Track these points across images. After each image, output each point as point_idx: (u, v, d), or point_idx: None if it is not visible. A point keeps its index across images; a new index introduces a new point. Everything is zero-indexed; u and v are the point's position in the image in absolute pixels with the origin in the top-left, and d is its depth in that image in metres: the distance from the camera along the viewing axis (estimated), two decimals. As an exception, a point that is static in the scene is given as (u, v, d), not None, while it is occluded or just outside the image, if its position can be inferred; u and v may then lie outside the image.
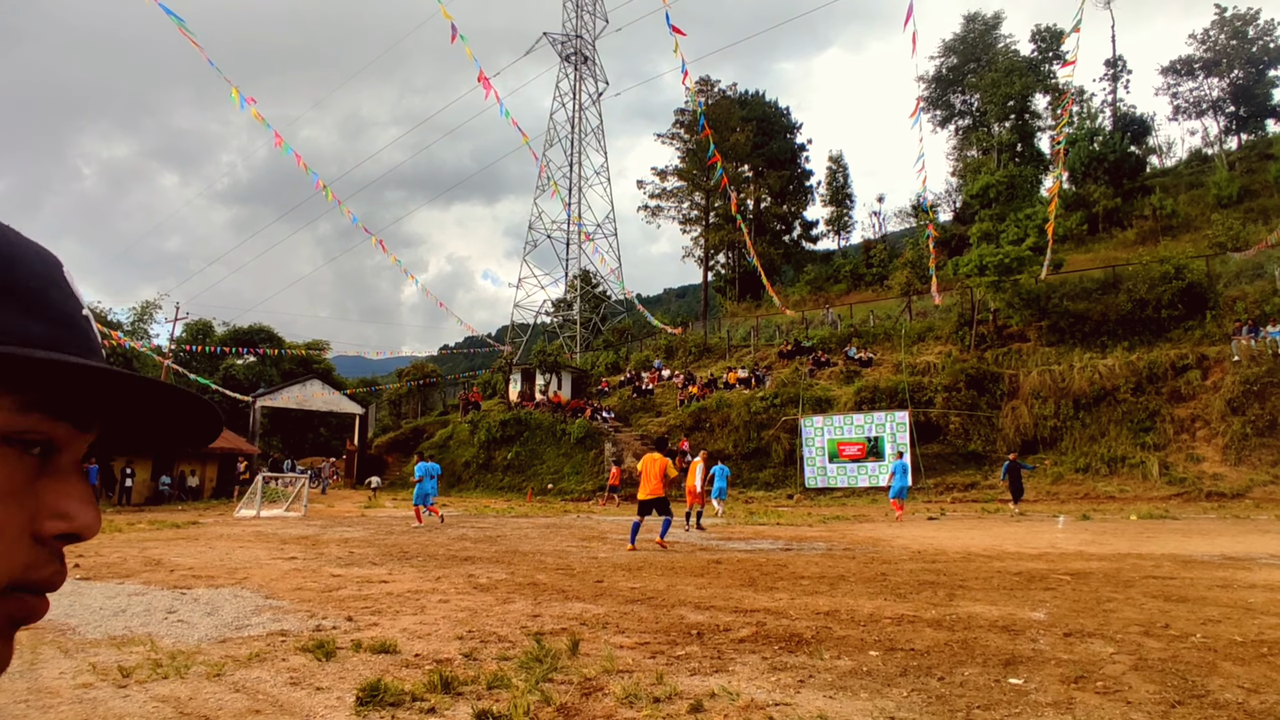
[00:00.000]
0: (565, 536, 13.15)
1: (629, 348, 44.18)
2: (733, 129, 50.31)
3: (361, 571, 8.32)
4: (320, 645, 4.59)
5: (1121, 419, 22.69)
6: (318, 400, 37.16)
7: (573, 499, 27.41)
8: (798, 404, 27.61)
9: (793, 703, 3.60)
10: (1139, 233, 34.91)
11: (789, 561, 9.35)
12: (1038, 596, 6.59)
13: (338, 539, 12.37)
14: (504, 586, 7.29)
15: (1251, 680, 3.90)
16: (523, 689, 3.74)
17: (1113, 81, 48.03)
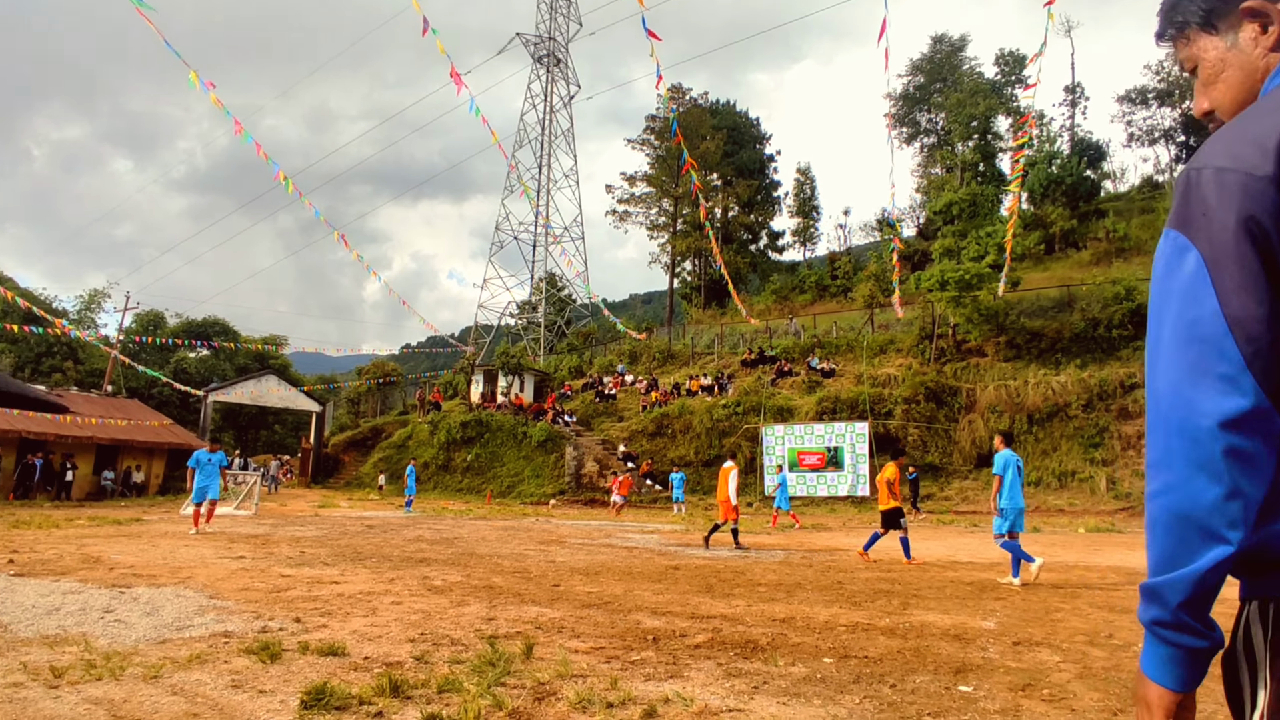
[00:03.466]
0: (523, 540, 13.03)
1: (593, 352, 44.08)
2: (703, 137, 50.62)
3: (312, 572, 8.13)
4: (265, 647, 4.46)
5: (1073, 434, 23.31)
6: (273, 396, 36.33)
7: (532, 502, 27.21)
8: (759, 412, 27.82)
9: (746, 709, 3.59)
10: (1093, 254, 35.98)
11: (747, 569, 9.38)
12: (989, 606, 6.70)
13: (289, 538, 12.07)
14: (459, 589, 7.18)
15: (1190, 690, 4.00)
16: (474, 693, 3.67)
17: (1071, 107, 49.50)
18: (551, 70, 52.13)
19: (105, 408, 28.60)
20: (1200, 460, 0.89)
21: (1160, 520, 0.93)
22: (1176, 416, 0.91)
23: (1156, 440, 0.95)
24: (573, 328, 51.02)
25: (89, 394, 31.51)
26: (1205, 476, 0.89)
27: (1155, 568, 0.93)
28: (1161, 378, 0.94)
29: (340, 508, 22.39)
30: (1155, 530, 0.94)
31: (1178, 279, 0.94)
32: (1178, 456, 0.91)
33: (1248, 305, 0.89)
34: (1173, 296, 0.94)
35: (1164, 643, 0.93)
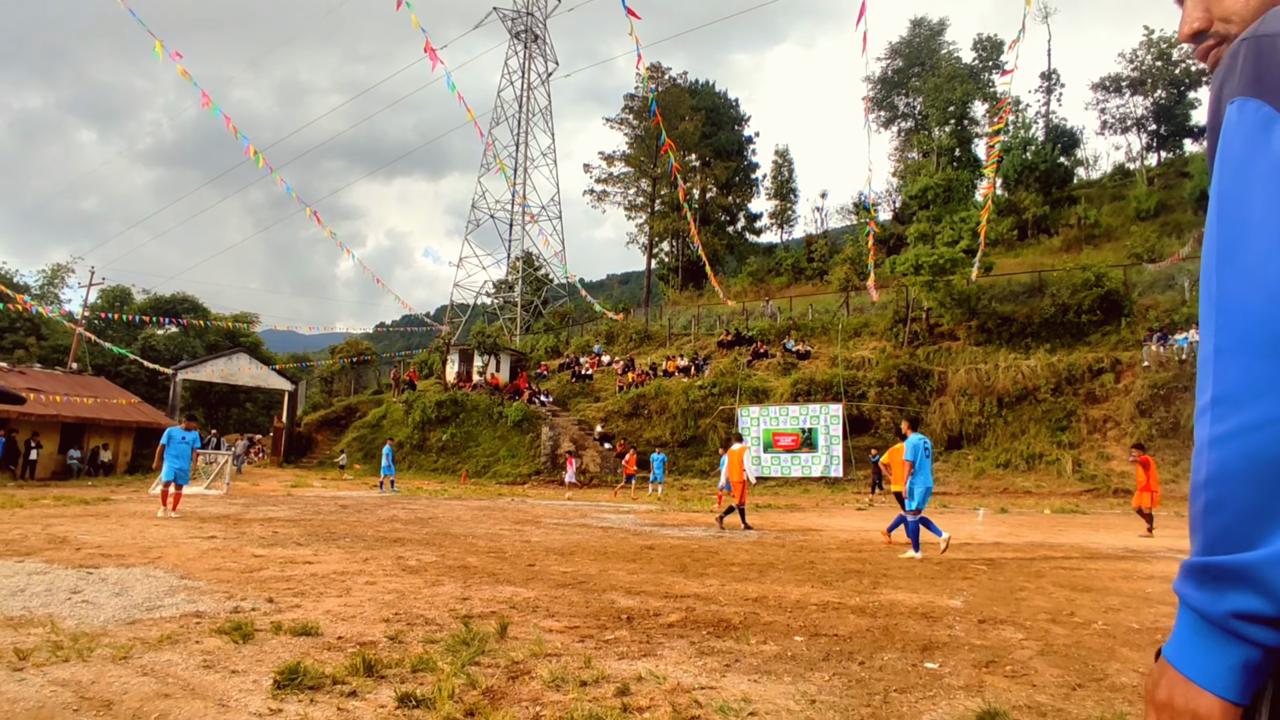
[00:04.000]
0: (499, 520, 13.04)
1: (569, 332, 43.98)
2: (682, 117, 50.37)
3: (285, 552, 8.07)
4: (238, 627, 4.43)
5: (1041, 418, 23.77)
6: (244, 375, 35.80)
7: (508, 482, 27.22)
8: (735, 394, 28.00)
9: (718, 686, 3.65)
10: (1064, 240, 36.52)
11: (720, 548, 9.49)
12: (956, 585, 6.85)
13: (261, 518, 11.97)
14: (433, 569, 7.19)
15: (1146, 664, 4.14)
16: (448, 672, 3.69)
17: (1047, 94, 49.94)
18: (529, 46, 51.44)
19: (70, 385, 28.02)
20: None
21: (1240, 470, 0.69)
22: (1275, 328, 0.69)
23: (1235, 365, 0.71)
24: (549, 308, 50.81)
25: (53, 371, 30.83)
26: None
27: (1233, 539, 0.69)
28: (1245, 281, 0.72)
29: (313, 487, 22.23)
30: (1231, 485, 0.69)
31: (1268, 157, 0.74)
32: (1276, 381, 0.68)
33: None
34: (1262, 177, 0.74)
35: (1245, 641, 0.68)
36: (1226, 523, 0.70)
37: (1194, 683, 0.71)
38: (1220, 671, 0.69)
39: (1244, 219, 0.74)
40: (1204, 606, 0.70)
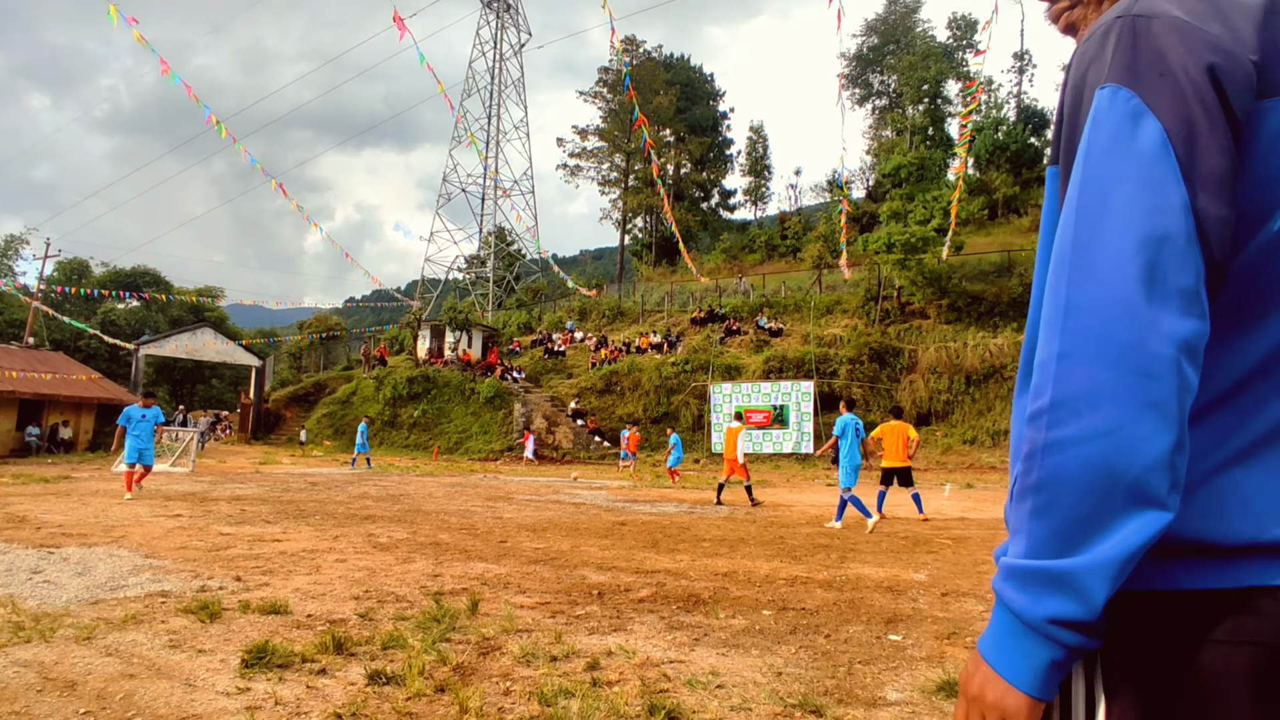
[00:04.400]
0: (471, 496, 13.03)
1: (542, 308, 43.75)
2: (656, 92, 49.92)
3: (253, 530, 8.00)
4: (204, 606, 4.39)
5: (1007, 395, 24.23)
6: (210, 350, 35.14)
7: (480, 458, 27.16)
8: (708, 370, 28.12)
9: (687, 660, 3.70)
10: (1034, 221, 36.95)
11: (692, 524, 9.58)
12: (921, 559, 7.00)
13: (229, 496, 11.82)
14: (405, 546, 7.17)
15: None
16: (419, 649, 3.70)
17: (1019, 74, 50.27)
18: (501, 16, 50.46)
19: (27, 360, 27.28)
20: (1154, 399, 0.67)
21: (1072, 479, 0.68)
22: (1122, 338, 0.68)
23: (1079, 371, 0.69)
24: (522, 283, 50.44)
25: (9, 346, 29.97)
26: (1156, 420, 0.67)
27: (1058, 544, 0.69)
28: (1096, 285, 0.70)
29: (282, 464, 21.98)
30: (1063, 491, 0.69)
31: (1133, 155, 0.71)
32: (1117, 392, 0.67)
33: (1219, 203, 0.70)
34: (1125, 177, 0.71)
35: (1058, 645, 0.69)
36: (1053, 528, 0.69)
37: (1005, 679, 0.71)
38: (1031, 671, 0.70)
39: (1102, 218, 0.72)
40: (1022, 610, 0.70)
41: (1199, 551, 0.73)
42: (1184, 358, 0.68)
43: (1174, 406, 0.67)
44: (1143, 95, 0.72)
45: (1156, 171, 0.70)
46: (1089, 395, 0.68)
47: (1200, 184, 0.70)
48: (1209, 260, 0.70)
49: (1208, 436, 0.74)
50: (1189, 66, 0.71)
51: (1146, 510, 0.67)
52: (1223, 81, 0.71)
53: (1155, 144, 0.70)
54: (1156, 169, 0.70)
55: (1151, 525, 0.67)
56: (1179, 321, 0.68)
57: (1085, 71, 0.77)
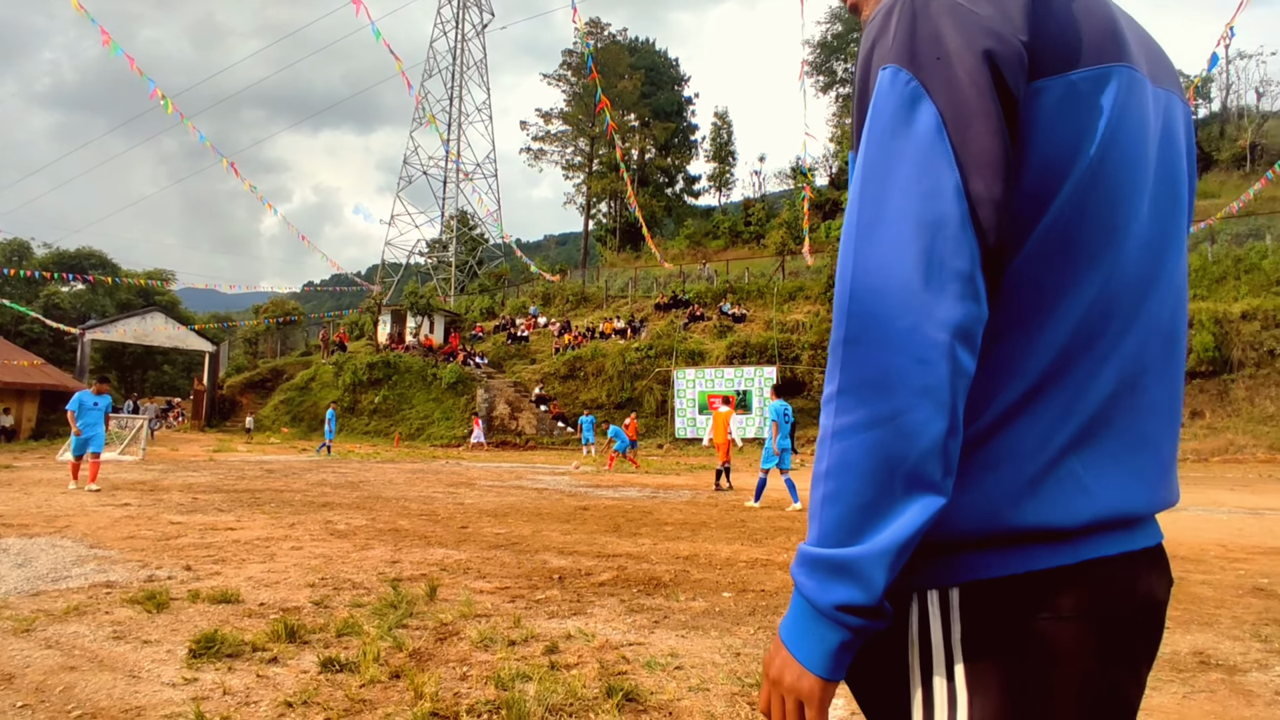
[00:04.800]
0: (432, 482, 12.89)
1: (505, 293, 43.37)
2: (621, 76, 49.55)
3: (205, 518, 7.80)
4: (151, 596, 4.27)
5: (963, 380, 24.74)
6: (160, 335, 34.12)
7: (443, 445, 26.90)
8: (671, 356, 28.19)
9: (646, 642, 3.71)
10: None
11: (654, 508, 9.61)
12: (878, 540, 7.12)
13: (180, 484, 11.52)
14: (363, 533, 7.06)
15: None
16: (375, 635, 3.64)
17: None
18: (463, -5, 49.53)
19: (-35, 345, 26.18)
20: (928, 385, 0.67)
21: (859, 465, 0.69)
22: (903, 324, 0.68)
23: (862, 356, 0.70)
24: (485, 268, 49.90)
25: (-55, 330, 28.72)
26: (931, 405, 0.67)
27: (844, 531, 0.70)
28: (877, 270, 0.70)
29: (238, 452, 21.50)
30: (848, 478, 0.69)
31: (911, 137, 0.71)
32: (899, 378, 0.68)
33: (992, 186, 0.70)
34: (903, 159, 0.71)
35: (846, 629, 0.70)
36: (840, 515, 0.70)
37: (800, 663, 0.72)
38: (822, 654, 0.71)
39: (884, 200, 0.71)
40: (813, 596, 0.71)
41: (1052, 537, 0.74)
42: (959, 343, 0.68)
43: (948, 393, 0.68)
44: (920, 77, 0.72)
45: (931, 155, 0.70)
46: (871, 382, 0.69)
47: (974, 167, 0.70)
48: (984, 244, 0.70)
49: (1043, 422, 0.75)
50: (964, 49, 0.71)
51: (924, 495, 0.68)
52: (998, 64, 0.71)
53: (931, 127, 0.70)
54: (931, 153, 0.70)
55: (927, 510, 0.68)
56: (955, 306, 0.68)
57: (871, 50, 0.77)
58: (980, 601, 0.74)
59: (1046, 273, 0.75)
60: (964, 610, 0.75)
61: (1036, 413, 0.75)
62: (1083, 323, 0.76)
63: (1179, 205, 0.86)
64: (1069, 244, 0.75)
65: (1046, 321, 0.75)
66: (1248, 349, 21.30)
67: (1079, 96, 0.75)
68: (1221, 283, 24.78)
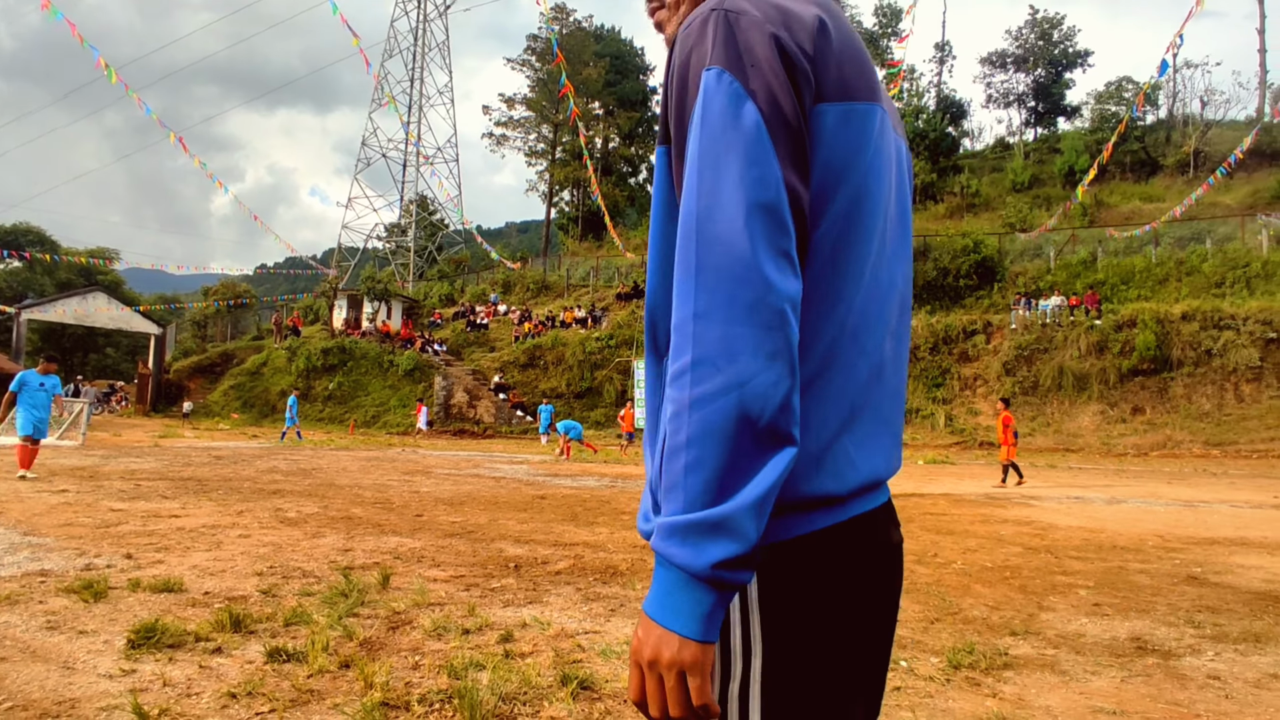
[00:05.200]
0: (387, 470, 12.69)
1: (465, 280, 42.82)
2: (586, 63, 49.13)
3: (148, 505, 7.55)
4: (89, 585, 4.11)
5: (919, 375, 25.24)
6: (103, 316, 32.91)
7: (399, 432, 26.50)
8: (632, 346, 28.18)
9: (602, 630, 3.70)
10: (948, 207, 38.42)
11: (612, 498, 9.61)
12: (833, 530, 7.22)
13: (122, 471, 11.14)
14: (315, 520, 6.91)
15: (994, 599, 4.51)
16: (324, 624, 3.56)
17: (939, 65, 51.86)
18: (426, -26, 48.55)
19: (-109, 322, 24.92)
20: (775, 349, 0.75)
21: (721, 429, 0.74)
22: (746, 297, 0.75)
23: (713, 329, 0.76)
24: (444, 254, 49.18)
25: None
26: (779, 368, 0.75)
27: (711, 494, 0.74)
28: (721, 249, 0.76)
29: (185, 438, 20.87)
30: (711, 443, 0.74)
31: (740, 131, 0.78)
32: (748, 345, 0.74)
33: (800, 182, 0.81)
34: (734, 150, 0.78)
35: (722, 586, 0.75)
36: (707, 479, 0.74)
37: (678, 634, 0.75)
38: (699, 618, 0.75)
39: (719, 187, 0.78)
40: (688, 562, 0.74)
41: (831, 503, 0.86)
42: (791, 312, 0.77)
43: (790, 355, 0.76)
44: (741, 80, 0.80)
45: (757, 149, 0.78)
46: (724, 351, 0.75)
47: (786, 163, 0.79)
48: (799, 230, 0.80)
49: (825, 403, 0.86)
50: (772, 60, 0.81)
51: (781, 448, 0.76)
52: (796, 78, 0.82)
53: (754, 124, 0.79)
54: (757, 147, 0.78)
55: (785, 459, 0.76)
56: (788, 281, 0.77)
57: (689, 55, 0.84)
58: (772, 561, 0.83)
59: (822, 272, 0.86)
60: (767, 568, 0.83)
61: (819, 396, 0.86)
62: (848, 318, 0.87)
63: (906, 229, 1.01)
64: (835, 252, 0.86)
65: (825, 313, 0.86)
66: (1187, 348, 22.14)
67: (851, 124, 0.86)
68: (1164, 284, 25.69)
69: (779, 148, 0.79)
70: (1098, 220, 31.88)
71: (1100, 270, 27.09)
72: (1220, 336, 21.83)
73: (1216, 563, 5.84)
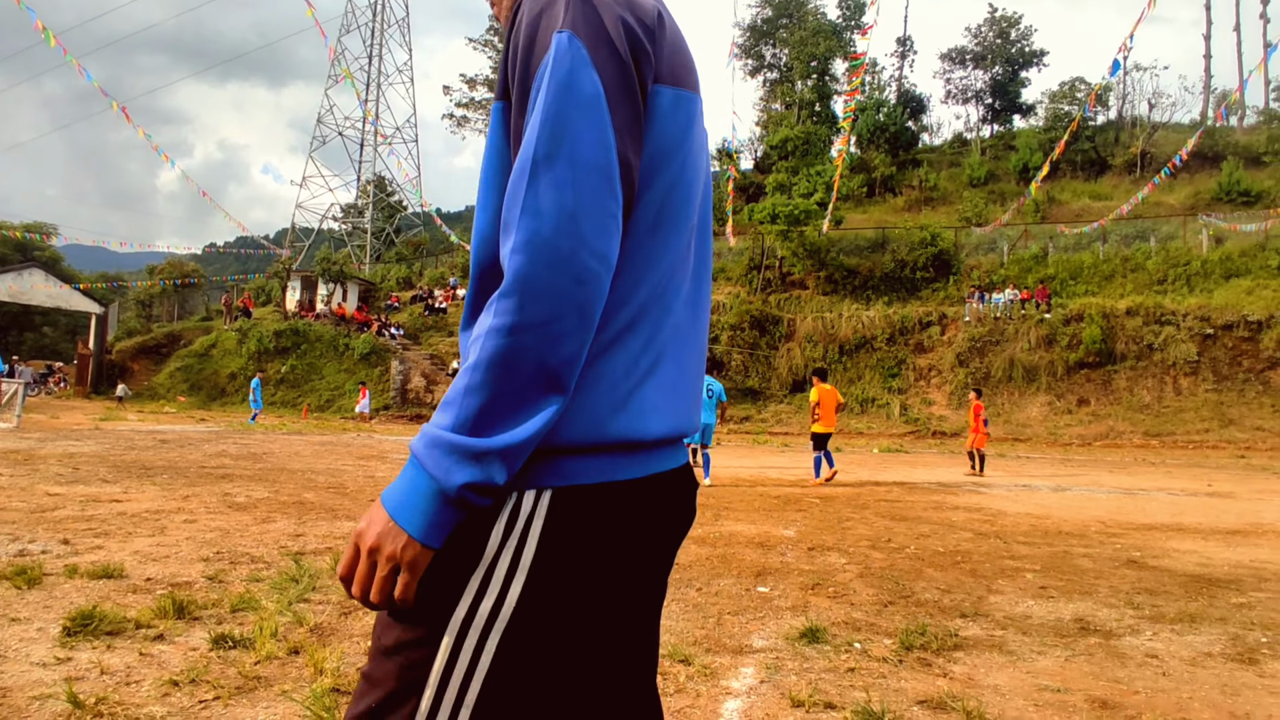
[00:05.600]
0: (341, 455, 12.45)
1: (424, 263, 42.12)
2: (550, 46, 48.49)
3: (88, 490, 7.27)
4: (21, 572, 3.93)
5: (876, 365, 25.67)
6: (40, 294, 31.58)
7: (354, 417, 26.03)
8: (594, 333, 28.10)
9: (560, 616, 3.67)
10: (907, 200, 39.01)
11: (572, 483, 9.56)
12: (791, 517, 7.31)
13: (60, 454, 10.72)
14: (265, 505, 6.74)
15: (946, 583, 4.60)
16: (273, 610, 3.47)
17: (901, 59, 52.47)
18: (386, -51, 47.33)
19: None
20: (578, 302, 0.79)
21: (508, 362, 0.78)
22: (566, 245, 0.78)
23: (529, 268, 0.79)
24: (402, 236, 48.30)
25: None
26: (576, 320, 0.79)
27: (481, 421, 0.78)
28: (550, 196, 0.80)
29: (128, 421, 20.18)
30: (496, 373, 0.78)
31: (583, 95, 0.82)
32: (554, 290, 0.78)
33: (632, 152, 0.86)
34: (577, 111, 0.82)
35: (461, 506, 0.79)
36: (480, 405, 0.78)
37: (408, 533, 0.79)
38: (434, 527, 0.79)
39: (559, 141, 0.81)
40: (440, 475, 0.78)
41: (634, 448, 0.90)
42: (604, 272, 0.81)
43: (591, 312, 0.81)
44: (589, 47, 0.84)
45: (596, 115, 0.82)
46: (533, 291, 0.78)
47: (622, 133, 0.85)
48: (626, 198, 0.86)
49: (633, 352, 0.90)
50: (619, 34, 0.86)
51: (554, 398, 0.80)
52: (639, 55, 0.88)
53: (596, 91, 0.83)
54: (597, 111, 0.83)
55: (552, 410, 0.80)
56: (607, 241, 0.82)
57: (538, 19, 0.87)
58: (568, 504, 0.86)
59: (643, 239, 0.91)
60: (552, 509, 0.85)
61: (628, 344, 0.90)
62: (659, 281, 0.93)
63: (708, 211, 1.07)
64: (658, 222, 0.92)
65: (642, 274, 0.91)
66: (1130, 342, 22.91)
67: (681, 109, 0.94)
68: (1110, 280, 26.51)
69: (616, 117, 0.84)
70: (1049, 217, 32.72)
71: (1051, 265, 27.83)
72: (1161, 332, 22.65)
73: (1154, 547, 6.06)
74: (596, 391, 0.87)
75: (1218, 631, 3.74)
